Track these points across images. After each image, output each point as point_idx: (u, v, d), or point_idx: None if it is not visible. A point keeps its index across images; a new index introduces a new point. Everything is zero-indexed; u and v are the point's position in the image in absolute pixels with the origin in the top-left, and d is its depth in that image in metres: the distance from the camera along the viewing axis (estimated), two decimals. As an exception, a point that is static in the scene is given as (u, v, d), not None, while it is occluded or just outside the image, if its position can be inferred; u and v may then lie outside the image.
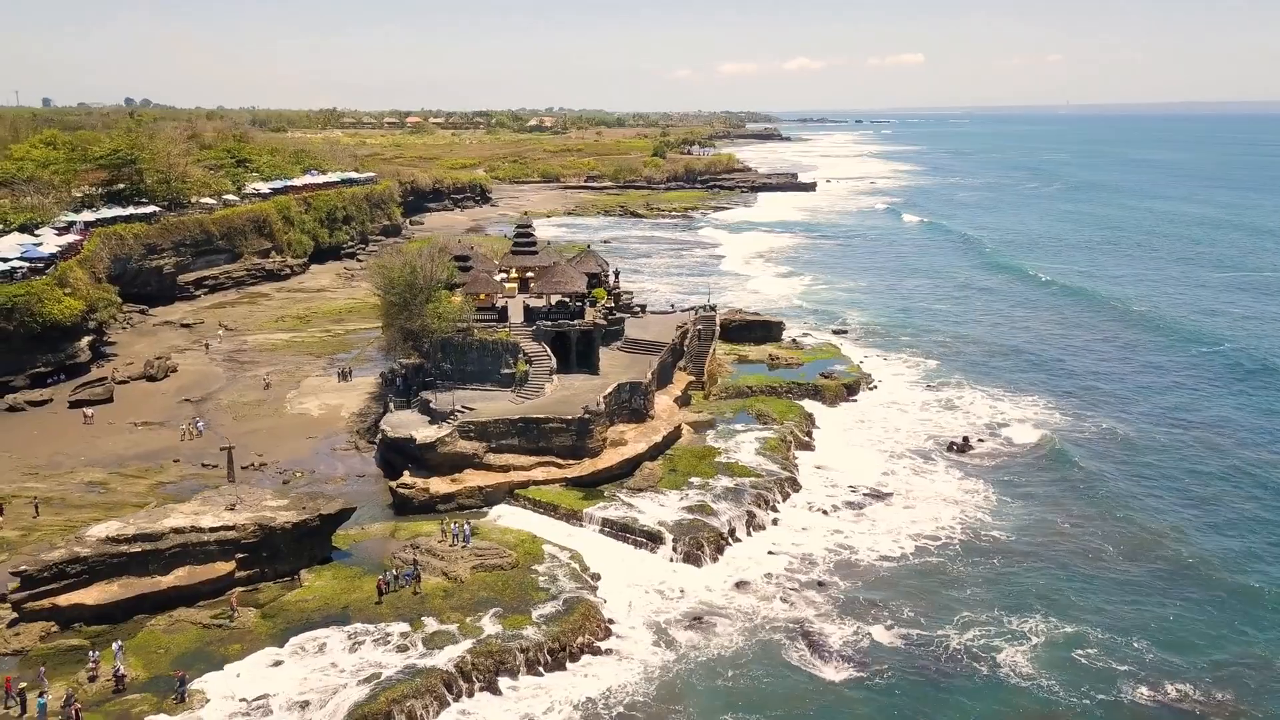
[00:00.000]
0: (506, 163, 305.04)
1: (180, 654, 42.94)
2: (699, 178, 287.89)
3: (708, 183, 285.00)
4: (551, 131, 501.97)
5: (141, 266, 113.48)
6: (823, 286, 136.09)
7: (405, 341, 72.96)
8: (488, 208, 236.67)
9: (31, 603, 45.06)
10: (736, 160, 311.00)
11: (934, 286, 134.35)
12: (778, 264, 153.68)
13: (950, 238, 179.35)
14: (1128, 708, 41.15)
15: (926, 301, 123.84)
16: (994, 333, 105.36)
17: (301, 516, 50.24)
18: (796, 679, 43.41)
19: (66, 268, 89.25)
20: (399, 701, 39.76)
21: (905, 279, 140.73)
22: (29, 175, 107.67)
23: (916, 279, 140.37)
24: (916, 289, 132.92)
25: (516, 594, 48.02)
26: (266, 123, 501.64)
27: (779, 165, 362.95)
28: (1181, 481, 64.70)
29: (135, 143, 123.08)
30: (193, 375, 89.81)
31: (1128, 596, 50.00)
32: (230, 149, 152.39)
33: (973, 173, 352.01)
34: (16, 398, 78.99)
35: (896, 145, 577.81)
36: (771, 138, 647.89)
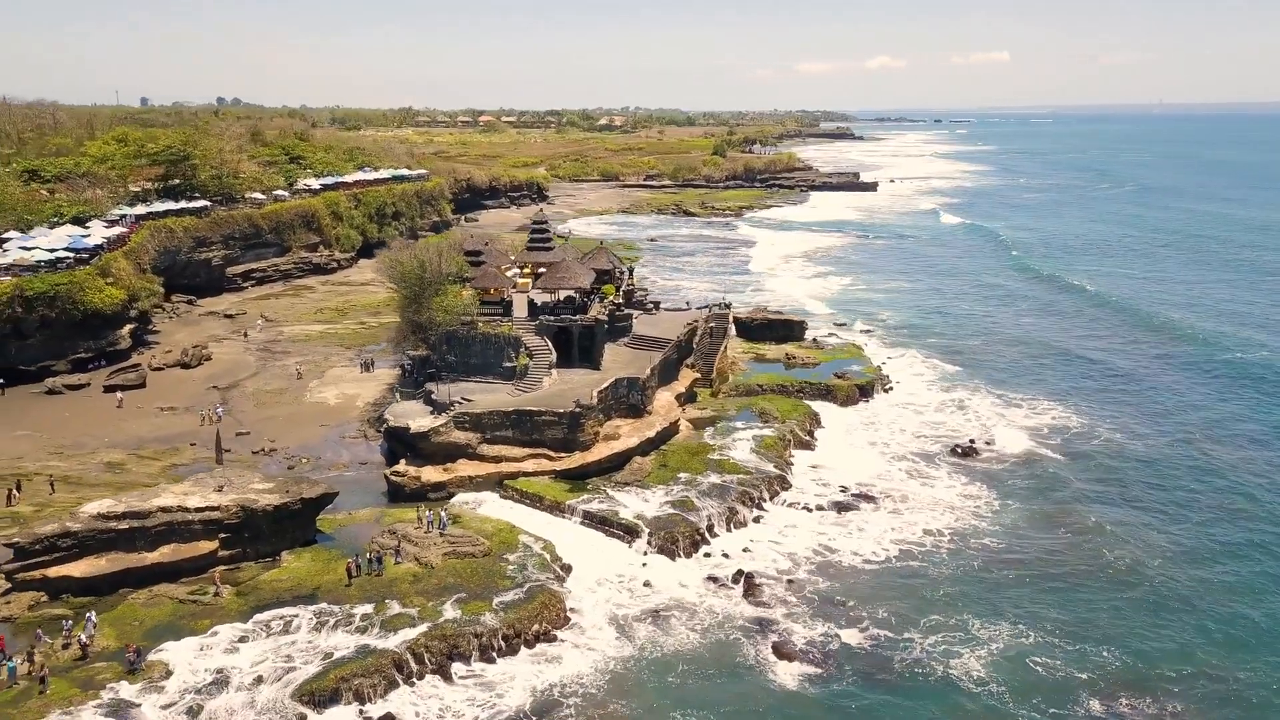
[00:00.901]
0: (568, 161, 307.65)
1: (153, 626, 44.90)
2: (758, 176, 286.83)
3: (767, 182, 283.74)
4: (620, 131, 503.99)
5: (190, 259, 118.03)
6: (862, 287, 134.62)
7: (414, 334, 74.64)
8: (544, 205, 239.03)
9: (23, 573, 47.55)
10: (797, 159, 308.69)
11: (973, 290, 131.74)
12: (820, 264, 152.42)
13: (1000, 241, 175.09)
14: (1075, 718, 40.29)
15: (962, 304, 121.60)
16: (1023, 339, 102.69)
17: (283, 499, 52.00)
18: (749, 678, 43.42)
19: (110, 259, 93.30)
20: (347, 680, 41.05)
21: (946, 281, 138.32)
22: (85, 170, 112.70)
23: (957, 282, 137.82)
24: (955, 292, 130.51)
25: (483, 581, 48.98)
26: (344, 121, 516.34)
27: (844, 165, 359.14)
28: (1191, 503, 61.39)
29: (189, 140, 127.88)
30: (225, 363, 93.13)
31: (1106, 610, 48.72)
32: (285, 146, 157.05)
33: (1042, 174, 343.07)
34: (56, 381, 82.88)
35: (970, 145, 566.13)
36: (844, 137, 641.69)
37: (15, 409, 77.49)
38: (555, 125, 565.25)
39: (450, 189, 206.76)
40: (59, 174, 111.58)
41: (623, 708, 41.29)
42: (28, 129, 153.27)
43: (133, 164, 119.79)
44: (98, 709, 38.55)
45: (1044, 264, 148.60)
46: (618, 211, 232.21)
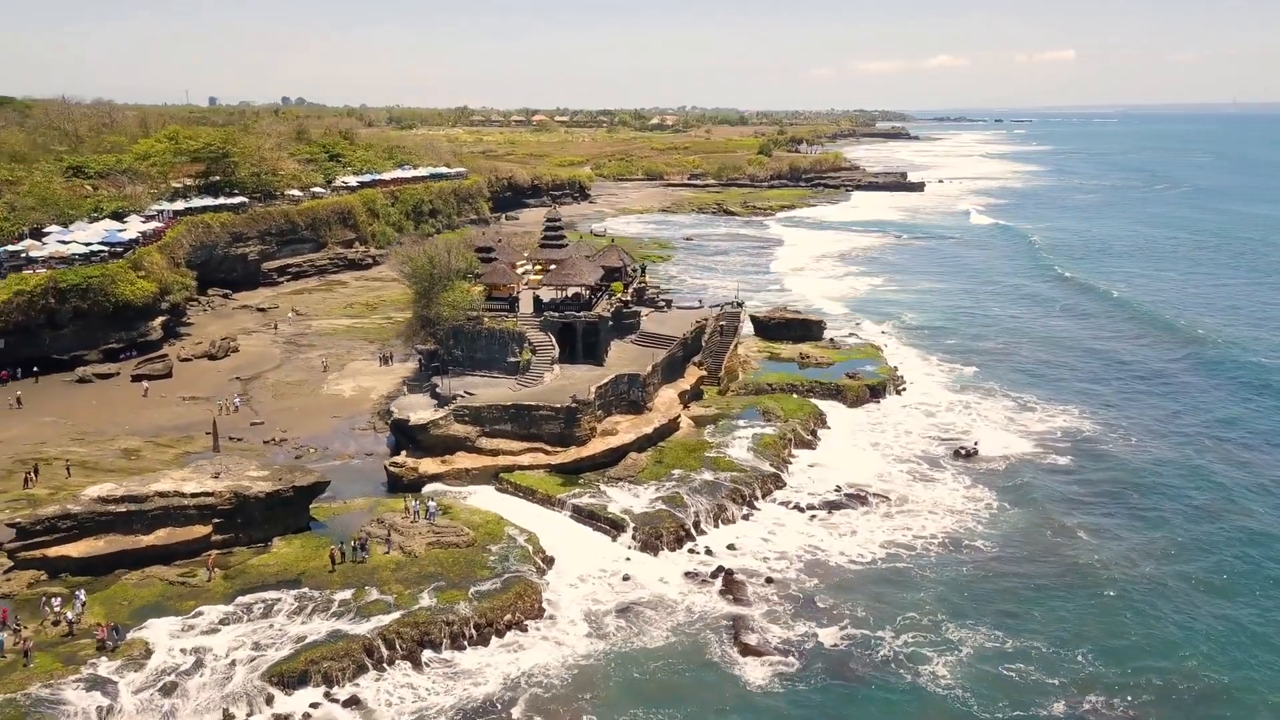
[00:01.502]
0: (613, 160, 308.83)
1: (141, 606, 46.42)
2: (803, 176, 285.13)
3: (812, 181, 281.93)
4: (672, 130, 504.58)
5: (227, 253, 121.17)
6: (892, 288, 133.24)
7: (423, 328, 75.93)
8: (585, 204, 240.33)
9: (24, 552, 49.50)
10: (844, 159, 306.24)
11: (1001, 292, 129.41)
12: (851, 264, 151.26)
13: (1035, 244, 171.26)
14: None
15: (989, 307, 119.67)
16: (1046, 344, 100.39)
17: (275, 487, 53.38)
18: (715, 674, 43.49)
19: (143, 253, 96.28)
20: (316, 662, 42.14)
21: (977, 283, 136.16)
22: (127, 167, 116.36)
23: (987, 284, 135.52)
24: (983, 294, 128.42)
25: (462, 571, 49.77)
26: (400, 120, 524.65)
27: (894, 164, 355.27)
28: (1196, 516, 59.04)
29: (229, 138, 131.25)
30: (251, 355, 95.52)
31: (1088, 617, 47.88)
32: (326, 144, 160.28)
33: (1097, 175, 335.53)
34: (86, 370, 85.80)
35: (1028, 146, 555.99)
36: (898, 137, 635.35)
37: (45, 396, 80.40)
38: (607, 125, 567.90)
39: (492, 187, 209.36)
40: (101, 171, 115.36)
41: (586, 701, 41.63)
42: (86, 127, 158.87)
43: (173, 161, 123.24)
44: (77, 683, 40.05)
45: (1077, 268, 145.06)
46: (658, 210, 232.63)
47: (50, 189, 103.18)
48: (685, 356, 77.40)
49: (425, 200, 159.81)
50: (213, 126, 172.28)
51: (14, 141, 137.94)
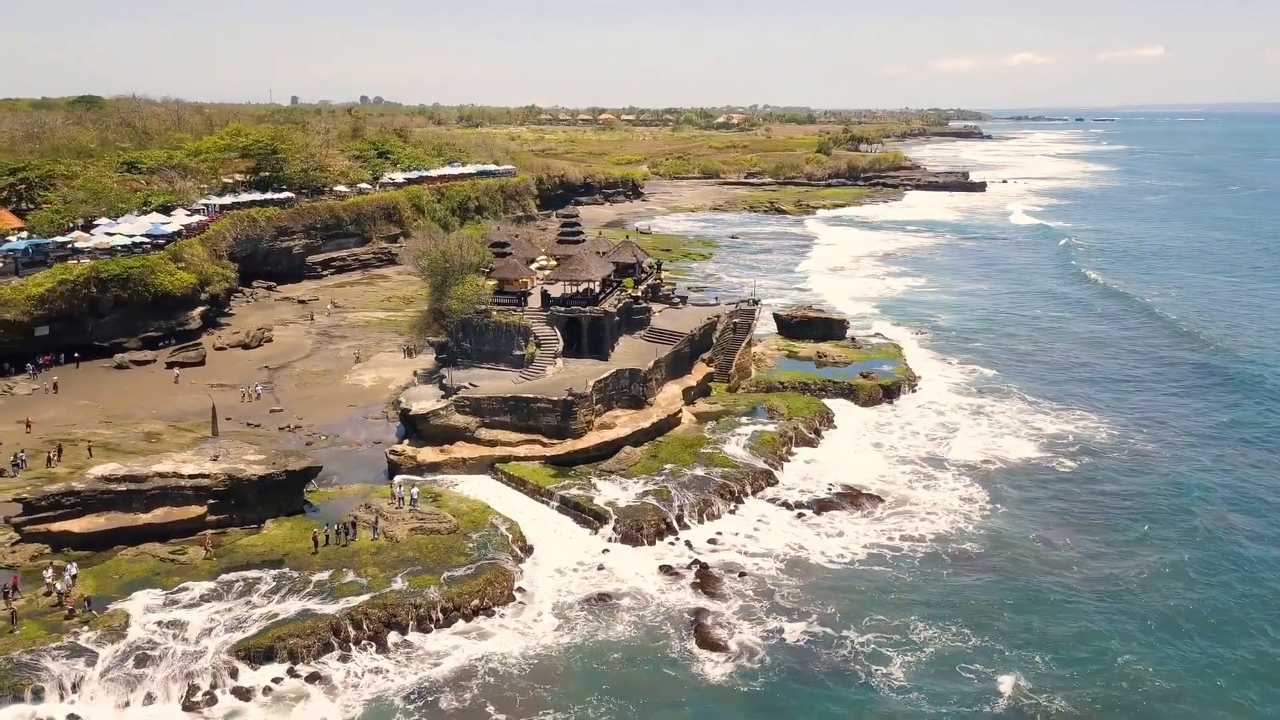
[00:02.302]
0: (670, 159, 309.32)
1: (130, 580, 48.48)
2: (862, 175, 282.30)
3: (871, 180, 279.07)
4: (737, 129, 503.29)
5: (272, 247, 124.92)
6: (933, 288, 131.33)
7: (435, 321, 77.51)
8: (638, 202, 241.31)
9: (29, 526, 52.10)
10: (904, 158, 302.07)
11: (1038, 296, 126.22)
12: (892, 264, 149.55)
13: (1085, 248, 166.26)
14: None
15: (1025, 310, 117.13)
16: (1074, 349, 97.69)
17: (268, 471, 55.22)
18: (673, 667, 43.69)
19: (184, 245, 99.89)
20: (283, 639, 43.63)
21: (1018, 285, 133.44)
22: (177, 163, 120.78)
23: (1028, 286, 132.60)
24: (1020, 296, 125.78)
25: (439, 556, 50.90)
26: (470, 118, 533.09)
27: (958, 164, 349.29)
28: (1198, 532, 56.58)
29: (277, 135, 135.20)
30: (284, 345, 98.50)
31: (1059, 621, 47.15)
32: (375, 142, 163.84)
33: (1169, 176, 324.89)
34: (124, 357, 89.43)
35: (1105, 145, 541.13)
36: (970, 136, 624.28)
37: (84, 380, 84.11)
38: (672, 124, 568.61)
39: (544, 185, 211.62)
40: (153, 166, 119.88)
41: (542, 690, 42.11)
42: (156, 125, 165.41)
43: (223, 157, 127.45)
44: (57, 650, 42.14)
45: (1119, 273, 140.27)
46: (710, 208, 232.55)
47: (102, 184, 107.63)
48: (693, 353, 77.62)
49: (471, 197, 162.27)
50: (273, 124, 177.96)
51: (85, 139, 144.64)
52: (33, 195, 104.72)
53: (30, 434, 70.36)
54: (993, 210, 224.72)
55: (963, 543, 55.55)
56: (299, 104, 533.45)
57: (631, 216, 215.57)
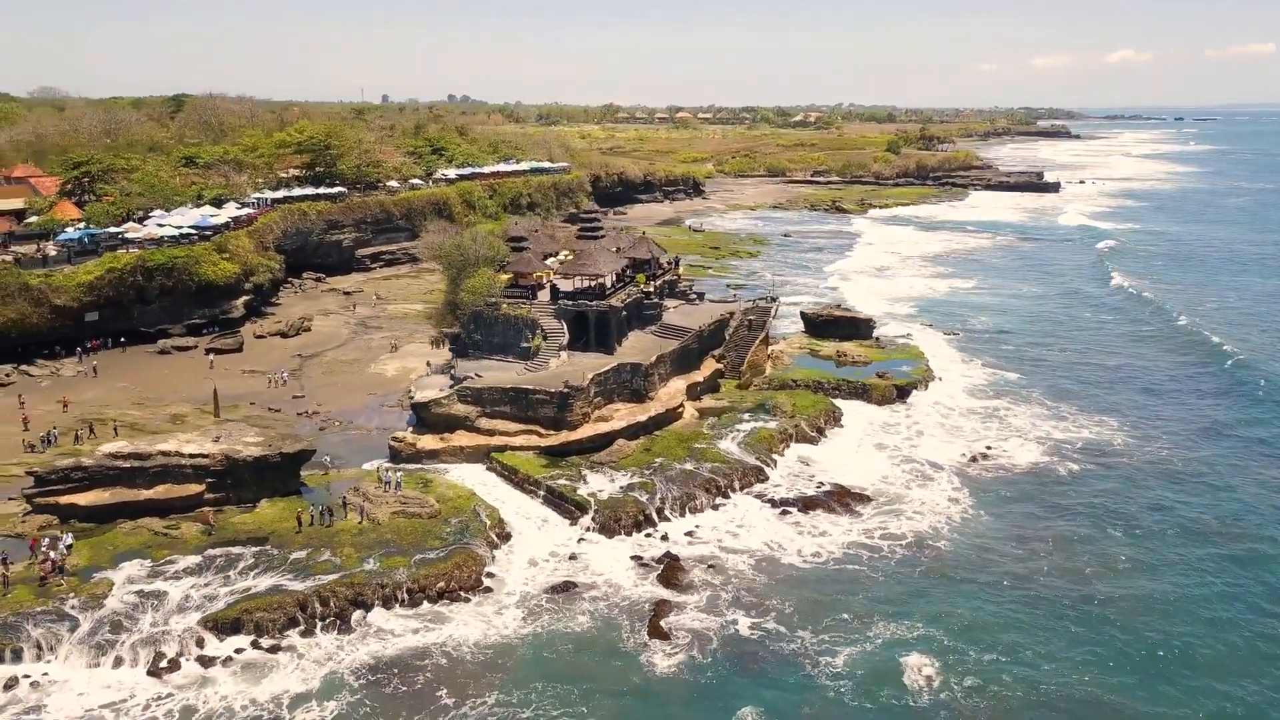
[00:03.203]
0: (736, 157, 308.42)
1: (123, 551, 50.97)
2: (931, 174, 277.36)
3: (940, 180, 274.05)
4: (813, 127, 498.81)
5: (322, 240, 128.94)
6: (978, 290, 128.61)
7: (450, 313, 79.27)
8: (698, 200, 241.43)
9: (40, 499, 55.23)
10: (976, 157, 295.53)
11: (1085, 300, 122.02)
12: (941, 264, 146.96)
13: (1143, 253, 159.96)
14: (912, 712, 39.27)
15: (1068, 314, 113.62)
16: (1107, 355, 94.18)
17: (263, 452, 57.42)
18: (623, 657, 44.22)
19: (230, 236, 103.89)
20: (250, 612, 45.53)
21: (1065, 289, 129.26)
22: (233, 158, 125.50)
23: (1075, 290, 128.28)
24: (1067, 300, 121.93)
25: (415, 539, 52.31)
26: (548, 116, 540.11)
27: (1036, 164, 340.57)
28: (1189, 541, 54.89)
29: (330, 131, 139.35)
30: (321, 335, 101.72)
31: (1015, 620, 46.71)
32: (431, 139, 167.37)
33: (1258, 178, 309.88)
34: (166, 343, 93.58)
35: (1197, 145, 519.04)
36: (1057, 135, 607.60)
37: (126, 364, 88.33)
38: (749, 122, 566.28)
39: (603, 182, 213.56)
40: (208, 162, 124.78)
41: (492, 675, 42.77)
42: (232, 122, 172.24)
43: (278, 153, 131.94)
44: (42, 614, 44.75)
45: (1169, 279, 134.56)
46: (770, 206, 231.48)
47: (159, 177, 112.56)
48: (701, 349, 77.80)
49: (524, 193, 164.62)
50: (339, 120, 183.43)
51: (157, 135, 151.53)
52: (93, 188, 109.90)
53: (66, 413, 74.23)
54: (1060, 211, 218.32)
55: (938, 542, 55.00)
56: (388, 102, 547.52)
57: (689, 214, 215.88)
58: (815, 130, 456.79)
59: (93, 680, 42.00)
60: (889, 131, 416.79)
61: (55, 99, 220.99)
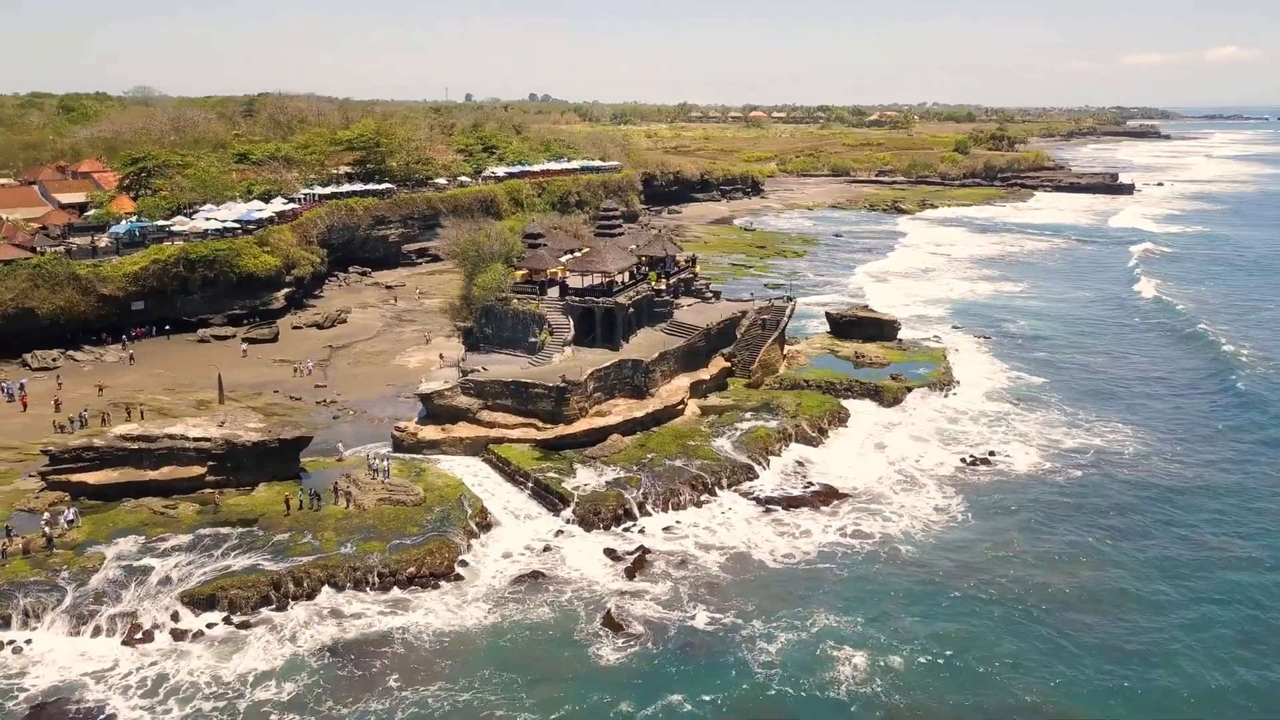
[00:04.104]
0: (800, 156, 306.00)
1: (121, 528, 53.41)
2: (999, 175, 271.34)
3: (1008, 180, 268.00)
4: (889, 126, 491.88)
5: (369, 235, 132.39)
6: (1030, 293, 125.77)
7: (465, 307, 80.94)
8: (756, 199, 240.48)
9: (53, 476, 58.29)
10: (1047, 157, 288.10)
11: (1133, 307, 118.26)
12: (990, 267, 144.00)
13: (1202, 258, 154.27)
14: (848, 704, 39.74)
15: (1111, 320, 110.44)
16: (1142, 363, 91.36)
17: (262, 438, 59.60)
18: (575, 647, 44.96)
19: (273, 230, 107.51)
20: (225, 589, 47.50)
21: (1114, 294, 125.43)
22: (284, 155, 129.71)
23: (1114, 297, 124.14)
24: (1114, 306, 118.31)
25: (395, 526, 53.75)
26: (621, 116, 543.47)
27: (1115, 164, 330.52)
28: (1167, 561, 52.72)
29: (380, 129, 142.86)
30: (356, 327, 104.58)
31: (960, 622, 46.39)
32: (482, 137, 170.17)
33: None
34: (206, 332, 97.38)
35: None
36: (1146, 136, 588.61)
37: (165, 351, 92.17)
38: (822, 121, 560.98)
39: (658, 181, 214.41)
40: (260, 158, 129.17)
41: (444, 662, 43.72)
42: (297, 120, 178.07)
43: (329, 150, 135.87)
44: (34, 584, 47.38)
45: (1217, 288, 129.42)
46: (828, 206, 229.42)
47: (210, 173, 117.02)
48: (709, 347, 77.96)
49: (572, 191, 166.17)
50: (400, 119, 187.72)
51: (222, 132, 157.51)
52: (148, 183, 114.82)
53: (101, 396, 77.95)
54: (1131, 213, 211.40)
55: (908, 545, 54.73)
56: (470, 101, 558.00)
57: (745, 213, 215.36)
58: (887, 130, 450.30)
59: (72, 648, 44.32)
60: (964, 132, 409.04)
61: (149, 98, 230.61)
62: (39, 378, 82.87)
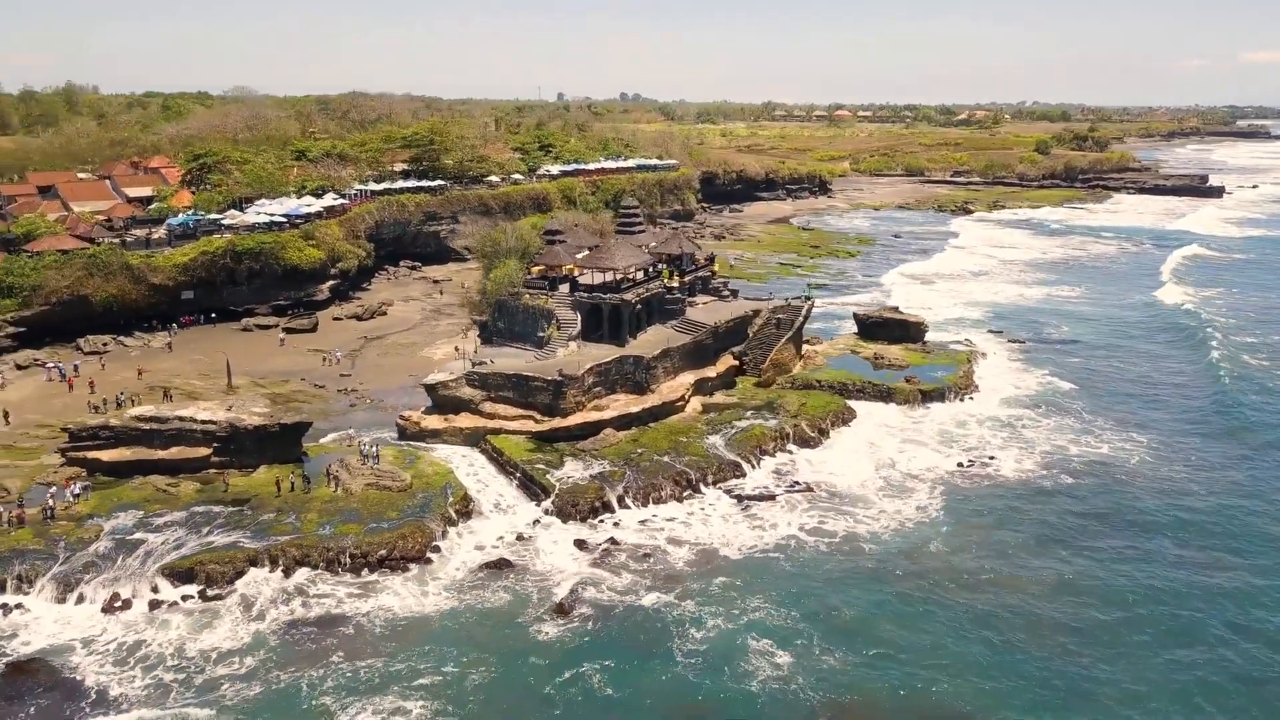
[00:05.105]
0: (874, 156, 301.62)
1: (124, 503, 56.42)
2: (1079, 176, 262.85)
3: (1089, 182, 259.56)
4: (976, 126, 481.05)
5: (420, 230, 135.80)
6: (1086, 298, 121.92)
7: (482, 301, 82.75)
8: (822, 199, 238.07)
9: (71, 453, 61.90)
10: (1132, 158, 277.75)
11: (1162, 317, 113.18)
12: (1047, 270, 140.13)
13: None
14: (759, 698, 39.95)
15: (1152, 326, 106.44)
16: (1182, 373, 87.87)
17: (263, 422, 62.19)
18: (520, 628, 46.12)
19: (320, 225, 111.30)
20: (204, 564, 49.90)
21: (1174, 302, 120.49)
22: (340, 152, 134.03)
23: (1154, 303, 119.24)
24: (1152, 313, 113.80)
25: (376, 510, 55.53)
26: (704, 114, 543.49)
27: (1209, 165, 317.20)
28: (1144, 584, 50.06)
29: (434, 128, 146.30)
30: (394, 319, 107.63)
31: (905, 626, 45.87)
32: (539, 135, 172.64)
33: None
34: (249, 321, 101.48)
35: None
36: (1254, 136, 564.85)
37: (209, 338, 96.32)
38: (909, 120, 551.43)
39: (721, 180, 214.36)
40: (315, 156, 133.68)
41: (391, 642, 45.04)
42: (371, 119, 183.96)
43: (385, 147, 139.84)
44: (33, 553, 50.53)
45: None
46: (895, 207, 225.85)
47: (266, 169, 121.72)
48: (717, 346, 78.09)
49: (626, 190, 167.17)
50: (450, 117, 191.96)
51: (291, 129, 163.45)
52: (206, 178, 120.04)
53: (139, 380, 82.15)
54: (1215, 218, 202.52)
55: (871, 544, 54.53)
56: (561, 100, 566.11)
57: (809, 213, 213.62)
58: (974, 129, 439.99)
59: (57, 614, 47.18)
60: (1054, 130, 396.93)
61: (246, 97, 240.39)
62: (90, 361, 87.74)
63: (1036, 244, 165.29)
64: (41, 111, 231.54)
